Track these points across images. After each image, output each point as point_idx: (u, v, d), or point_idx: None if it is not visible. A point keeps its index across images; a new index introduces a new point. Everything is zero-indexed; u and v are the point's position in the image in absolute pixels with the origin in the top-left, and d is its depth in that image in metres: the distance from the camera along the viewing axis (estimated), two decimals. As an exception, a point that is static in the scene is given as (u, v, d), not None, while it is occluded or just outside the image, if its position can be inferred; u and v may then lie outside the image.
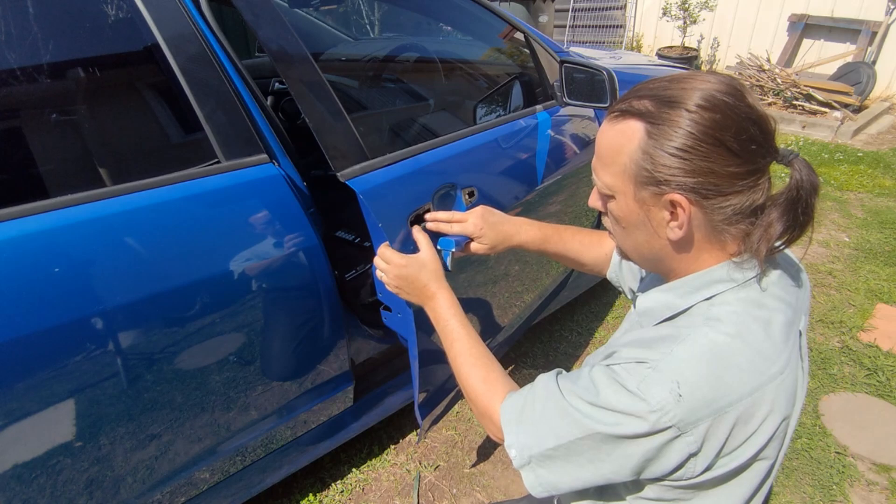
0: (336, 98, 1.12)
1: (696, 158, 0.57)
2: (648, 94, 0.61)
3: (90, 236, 0.89)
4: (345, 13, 2.96)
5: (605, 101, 1.42)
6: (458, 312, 0.89)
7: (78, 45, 1.03)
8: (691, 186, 0.58)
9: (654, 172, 0.59)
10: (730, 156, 0.57)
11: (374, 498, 1.62)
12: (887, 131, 4.52)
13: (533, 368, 2.08)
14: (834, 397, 1.88)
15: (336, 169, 1.07)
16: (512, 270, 1.48)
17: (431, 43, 2.36)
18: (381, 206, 1.08)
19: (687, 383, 0.56)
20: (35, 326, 0.84)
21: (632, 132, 0.61)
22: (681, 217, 0.60)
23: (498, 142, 1.42)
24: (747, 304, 0.62)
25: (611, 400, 0.59)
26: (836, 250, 2.77)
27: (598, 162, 0.66)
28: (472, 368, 0.81)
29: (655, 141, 0.59)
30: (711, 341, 0.59)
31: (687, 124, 0.57)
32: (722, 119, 0.57)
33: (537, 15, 6.96)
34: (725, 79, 0.60)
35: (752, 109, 0.58)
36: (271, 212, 1.07)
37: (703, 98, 0.57)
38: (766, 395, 0.59)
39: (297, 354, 1.21)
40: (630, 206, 0.64)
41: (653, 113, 0.59)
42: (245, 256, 1.04)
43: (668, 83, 0.61)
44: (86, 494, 0.99)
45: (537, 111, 1.58)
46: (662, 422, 0.56)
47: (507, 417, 0.70)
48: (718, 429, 0.57)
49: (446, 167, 1.25)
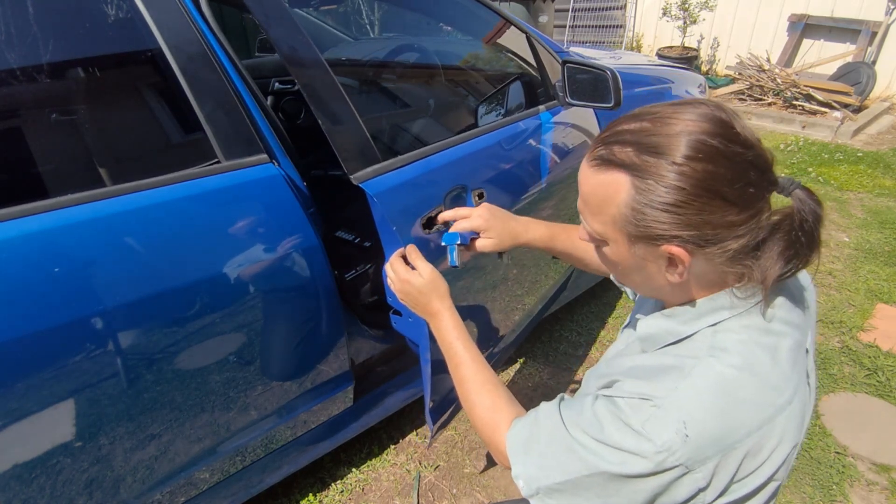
0: (348, 100, 1.12)
1: (690, 213, 0.54)
2: (631, 142, 0.56)
3: (90, 236, 0.89)
4: (345, 13, 2.96)
5: (608, 102, 1.42)
6: (462, 334, 0.86)
7: (78, 45, 1.03)
8: (688, 239, 0.55)
9: (646, 229, 0.56)
10: (727, 206, 0.53)
11: (374, 498, 1.62)
12: (887, 131, 4.52)
13: (533, 368, 2.08)
14: (834, 397, 1.88)
15: (349, 171, 1.06)
16: (510, 274, 1.48)
17: (432, 43, 2.36)
18: (394, 209, 1.07)
19: (694, 423, 0.54)
20: (35, 326, 0.84)
21: (617, 185, 0.57)
22: (679, 267, 0.57)
23: (504, 143, 1.42)
24: (753, 332, 0.59)
25: (615, 438, 0.57)
26: (836, 250, 2.77)
27: (585, 207, 0.62)
28: (476, 396, 0.78)
29: (644, 196, 0.55)
30: (718, 375, 0.56)
31: (676, 178, 0.53)
32: (715, 169, 0.53)
33: (537, 15, 6.96)
34: (711, 113, 0.55)
35: (745, 149, 0.54)
36: (271, 212, 1.07)
37: (691, 147, 0.53)
38: (775, 427, 0.57)
39: (297, 354, 1.21)
40: (624, 254, 0.61)
41: (637, 165, 0.55)
42: (245, 256, 1.04)
43: (651, 125, 0.56)
44: (86, 494, 0.99)
45: (540, 112, 1.58)
46: (669, 461, 0.54)
47: (513, 448, 0.69)
48: (727, 464, 0.56)
49: (456, 169, 1.25)
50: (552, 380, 2.02)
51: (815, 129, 4.46)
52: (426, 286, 0.90)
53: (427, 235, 1.15)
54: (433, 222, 1.14)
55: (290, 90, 2.45)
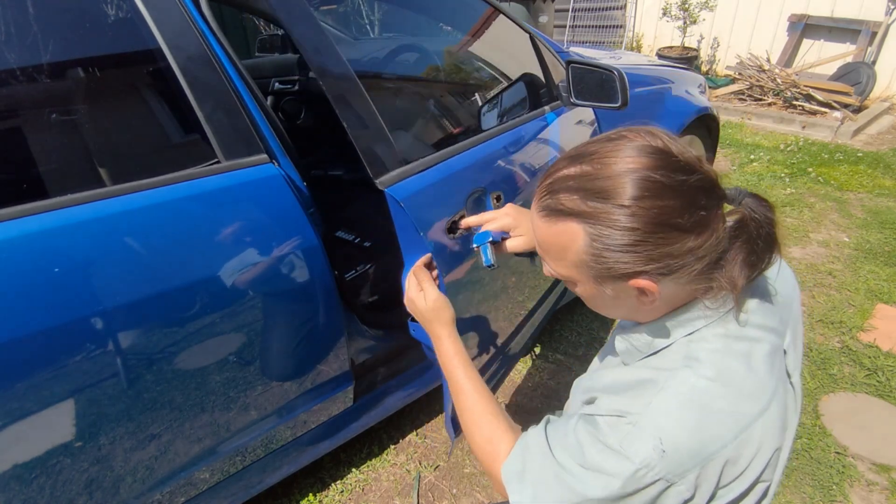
0: (372, 103, 1.11)
1: (649, 249, 0.54)
2: (575, 188, 0.56)
3: (90, 236, 0.89)
4: (345, 13, 2.96)
5: (615, 101, 1.41)
6: (462, 360, 0.85)
7: (78, 45, 1.03)
8: (653, 271, 0.56)
9: (609, 270, 0.57)
10: (684, 235, 0.54)
11: (374, 498, 1.62)
12: (887, 131, 4.52)
13: (533, 368, 2.08)
14: (834, 397, 1.88)
15: (374, 176, 1.06)
16: (509, 283, 1.48)
17: (432, 43, 2.36)
18: (421, 214, 1.06)
19: (669, 438, 0.55)
20: (35, 326, 0.84)
21: (572, 234, 0.57)
22: (650, 296, 0.58)
23: (514, 145, 1.42)
24: (726, 340, 0.60)
25: (596, 460, 0.58)
26: (836, 250, 2.77)
27: (545, 254, 0.63)
28: (476, 426, 0.78)
29: (600, 242, 0.55)
30: (691, 388, 0.57)
31: (629, 220, 0.53)
32: (664, 203, 0.53)
33: (537, 15, 6.96)
34: (649, 145, 0.55)
35: (689, 175, 0.54)
36: (271, 212, 1.07)
37: (636, 186, 0.53)
38: (752, 435, 0.58)
39: (297, 354, 1.21)
40: (594, 292, 0.62)
41: (587, 212, 0.55)
42: (245, 256, 1.04)
43: (592, 168, 0.56)
44: (86, 494, 0.99)
45: (546, 112, 1.58)
46: (649, 477, 0.56)
47: (508, 478, 0.69)
48: (708, 474, 0.57)
49: (475, 171, 1.25)
50: (552, 380, 2.02)
51: (815, 129, 4.46)
52: (429, 312, 0.89)
53: (451, 240, 1.14)
54: (456, 227, 1.13)
55: (290, 90, 2.45)
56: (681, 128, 2.25)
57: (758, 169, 3.76)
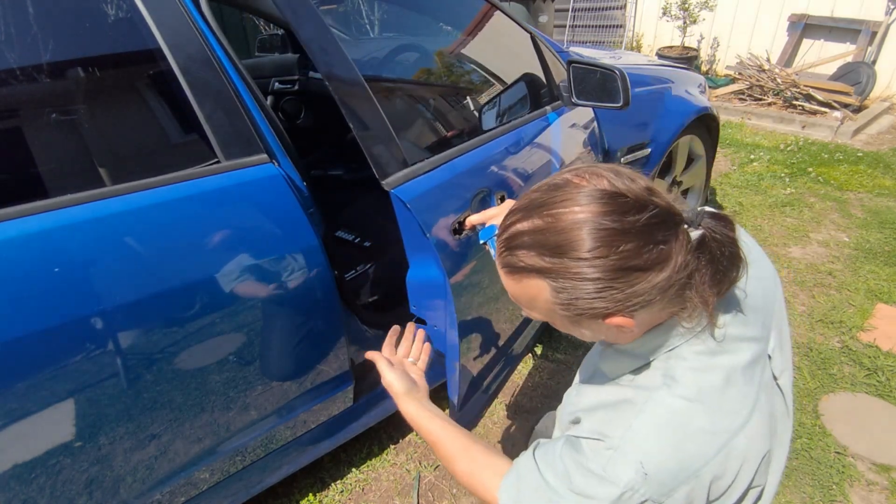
0: (378, 105, 1.11)
1: (615, 293, 0.54)
2: (530, 245, 0.56)
3: (90, 236, 0.89)
4: (345, 13, 2.96)
5: (618, 101, 1.41)
6: (427, 414, 0.85)
7: (78, 44, 1.03)
8: (625, 309, 0.56)
9: (582, 314, 0.57)
10: (647, 273, 0.54)
11: (374, 498, 1.62)
12: (887, 131, 4.52)
13: (533, 368, 2.08)
14: (834, 397, 1.88)
15: (380, 177, 1.06)
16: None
17: (432, 43, 2.35)
18: (427, 215, 1.06)
19: (651, 461, 0.56)
20: (35, 326, 0.84)
21: (537, 288, 0.57)
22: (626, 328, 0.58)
23: (517, 145, 1.42)
24: (704, 357, 0.60)
25: (582, 486, 0.59)
26: (836, 250, 2.77)
27: (518, 302, 0.64)
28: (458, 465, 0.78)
29: (566, 293, 0.56)
30: (669, 409, 0.58)
31: (590, 272, 0.53)
32: (621, 249, 0.53)
33: (537, 15, 6.96)
34: (595, 189, 0.55)
35: (641, 213, 0.53)
36: (271, 212, 1.07)
37: (590, 238, 0.53)
38: (734, 450, 0.58)
39: (297, 354, 1.21)
40: (572, 329, 0.63)
41: (547, 269, 0.55)
42: (245, 256, 1.04)
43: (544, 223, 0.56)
44: (86, 494, 0.99)
45: (547, 112, 1.58)
46: (635, 499, 0.56)
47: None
48: (696, 491, 0.57)
49: (479, 171, 1.25)
50: (552, 380, 2.02)
51: (815, 128, 4.46)
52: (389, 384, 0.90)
53: (457, 241, 1.14)
54: (462, 227, 1.13)
55: (290, 90, 2.45)
56: (681, 127, 2.25)
57: (758, 169, 3.76)
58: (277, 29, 2.84)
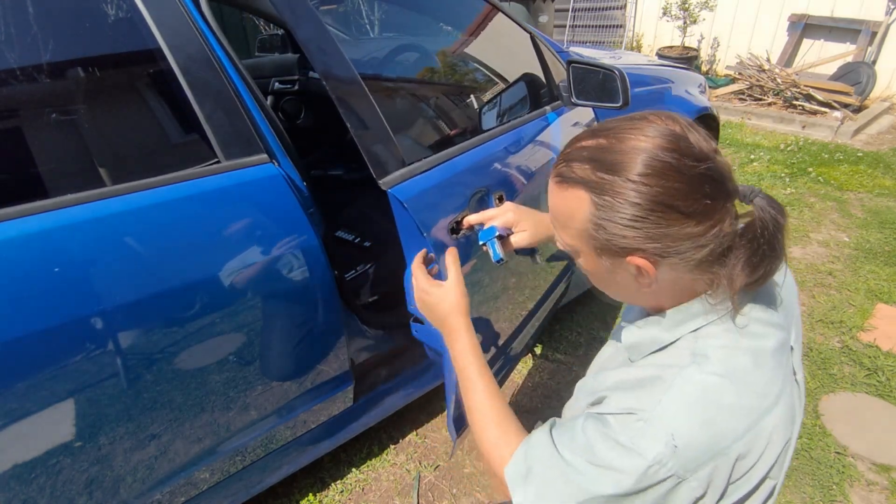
0: (375, 104, 1.11)
1: (649, 227, 0.55)
2: (588, 158, 0.58)
3: (90, 236, 0.89)
4: (345, 13, 2.96)
5: (617, 101, 1.41)
6: (477, 357, 0.83)
7: (78, 44, 1.03)
8: (651, 251, 0.57)
9: (609, 243, 0.58)
10: (684, 218, 0.55)
11: (374, 498, 1.62)
12: (887, 131, 4.52)
13: (533, 368, 2.08)
14: (834, 397, 1.88)
15: (377, 177, 1.06)
16: (509, 284, 1.48)
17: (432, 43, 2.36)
18: (424, 215, 1.06)
19: (681, 434, 0.56)
20: (35, 326, 0.84)
21: (579, 202, 0.59)
22: (646, 277, 0.59)
23: (516, 145, 1.42)
24: (734, 336, 0.60)
25: (607, 457, 0.58)
26: (836, 250, 2.77)
27: (555, 221, 0.65)
28: (485, 426, 0.77)
29: (604, 212, 0.57)
30: (701, 385, 0.58)
31: (633, 195, 0.55)
32: (668, 185, 0.54)
33: (537, 15, 6.96)
34: (666, 128, 0.56)
35: (699, 162, 0.55)
36: (271, 212, 1.07)
37: (645, 164, 0.55)
38: (763, 429, 0.58)
39: (297, 354, 1.21)
40: (595, 265, 0.63)
41: (595, 182, 0.57)
42: (245, 256, 1.04)
43: (607, 142, 0.58)
44: (86, 494, 0.99)
45: (547, 112, 1.58)
46: (661, 473, 0.55)
47: (512, 479, 0.69)
48: (720, 469, 0.57)
49: (477, 171, 1.25)
50: (552, 380, 2.02)
51: (815, 129, 4.46)
52: (445, 301, 0.86)
53: (454, 241, 1.14)
54: (459, 227, 1.13)
55: (290, 90, 2.45)
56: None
57: (758, 169, 3.76)
58: (277, 29, 2.85)
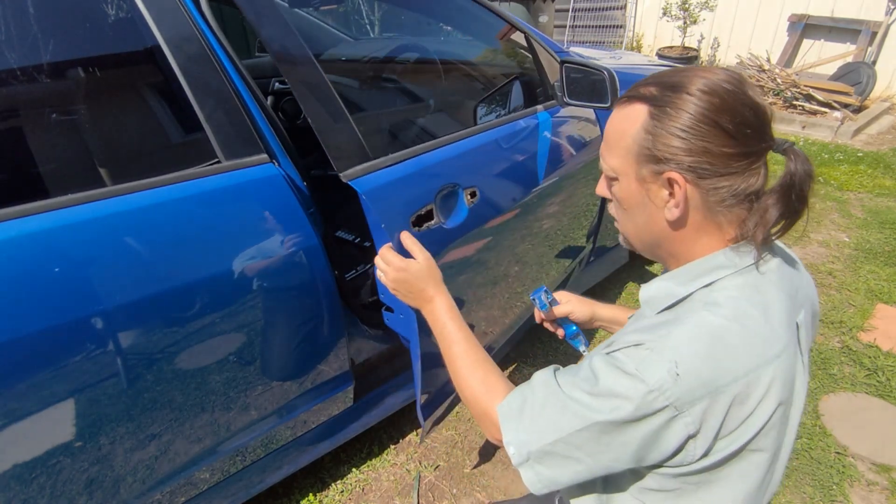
0: (338, 98, 1.12)
1: (693, 138, 0.60)
2: (655, 81, 0.65)
3: (90, 236, 0.89)
4: (345, 13, 2.96)
5: (605, 101, 1.42)
6: (456, 315, 0.89)
7: (78, 44, 1.03)
8: (688, 165, 0.61)
9: (654, 150, 0.62)
10: (725, 137, 0.59)
11: (374, 498, 1.62)
12: (887, 131, 4.52)
13: (533, 367, 2.07)
14: (834, 397, 1.88)
15: (338, 169, 1.07)
16: (511, 271, 1.48)
17: (431, 43, 2.36)
18: (384, 207, 1.08)
19: (684, 363, 0.57)
20: (35, 326, 0.84)
21: (636, 114, 0.64)
22: (678, 195, 0.62)
23: (499, 142, 1.42)
24: (746, 289, 0.63)
25: (609, 384, 0.60)
26: (836, 250, 2.77)
27: (605, 146, 0.70)
28: (469, 371, 0.81)
29: (657, 121, 0.62)
30: (709, 323, 0.60)
31: (687, 106, 0.60)
32: (720, 103, 0.60)
33: (537, 15, 6.96)
34: (732, 72, 0.63)
35: (749, 98, 0.61)
36: (271, 212, 1.07)
37: (705, 84, 0.61)
38: (762, 376, 0.60)
39: (297, 354, 1.21)
40: (632, 187, 0.67)
41: (657, 97, 0.63)
42: (245, 256, 1.04)
43: (676, 72, 0.65)
44: (86, 494, 0.99)
45: (538, 111, 1.58)
46: (659, 401, 0.57)
47: (504, 415, 0.70)
48: (715, 409, 0.58)
49: (448, 168, 1.25)
50: (552, 380, 2.02)
51: (815, 129, 4.46)
52: (423, 271, 0.94)
53: (417, 232, 1.15)
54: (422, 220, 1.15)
55: (291, 90, 2.45)
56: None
57: (758, 169, 3.76)
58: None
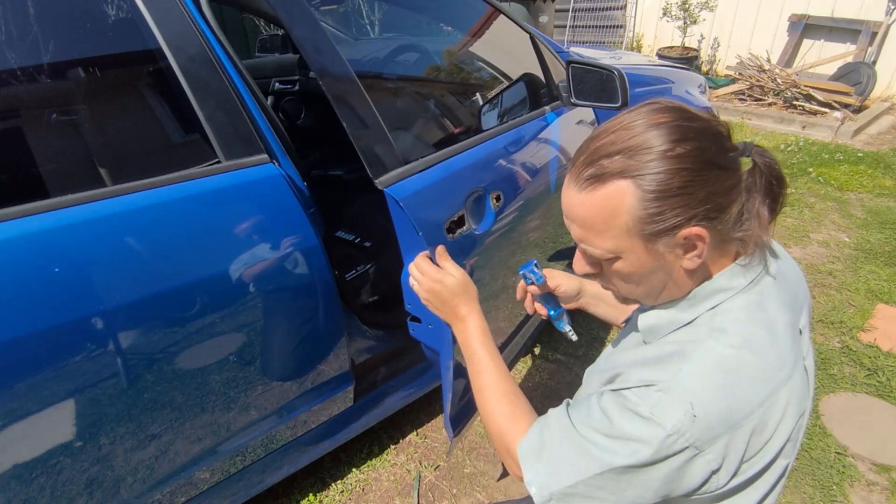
0: (372, 104, 1.11)
1: (698, 189, 0.56)
2: (614, 152, 0.58)
3: (90, 236, 0.89)
4: (345, 13, 2.96)
5: (616, 101, 1.42)
6: (488, 340, 0.85)
7: (78, 45, 1.03)
8: (702, 214, 0.57)
9: (662, 222, 0.57)
10: (723, 173, 0.57)
11: (374, 498, 1.62)
12: (887, 131, 4.52)
13: (533, 368, 2.08)
14: (834, 397, 1.88)
15: (373, 176, 1.06)
16: (509, 283, 1.48)
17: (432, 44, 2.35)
18: (420, 214, 1.06)
19: (700, 403, 0.56)
20: (35, 326, 0.84)
21: (621, 192, 0.58)
22: (699, 247, 0.59)
23: (514, 145, 1.43)
24: (750, 310, 0.61)
25: (625, 428, 0.58)
26: (836, 250, 2.77)
27: (588, 232, 0.62)
28: (496, 403, 0.78)
29: (651, 190, 0.56)
30: (719, 356, 0.58)
31: (676, 162, 0.56)
32: (701, 143, 0.57)
33: (537, 15, 6.95)
34: (663, 106, 0.59)
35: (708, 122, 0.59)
36: (272, 212, 1.07)
37: (673, 132, 0.57)
38: (778, 401, 0.59)
39: (297, 354, 1.21)
40: (642, 260, 0.62)
41: (633, 166, 0.57)
42: (245, 256, 1.04)
43: (624, 131, 0.58)
44: (86, 494, 0.99)
45: (546, 112, 1.59)
46: (679, 444, 0.56)
47: (525, 455, 0.69)
48: (736, 442, 0.57)
49: (474, 171, 1.25)
50: (552, 380, 2.02)
51: (815, 129, 4.46)
52: (458, 286, 0.89)
53: (451, 239, 1.14)
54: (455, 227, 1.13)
55: (291, 90, 2.45)
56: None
57: (758, 169, 3.76)
58: (278, 29, 2.85)
